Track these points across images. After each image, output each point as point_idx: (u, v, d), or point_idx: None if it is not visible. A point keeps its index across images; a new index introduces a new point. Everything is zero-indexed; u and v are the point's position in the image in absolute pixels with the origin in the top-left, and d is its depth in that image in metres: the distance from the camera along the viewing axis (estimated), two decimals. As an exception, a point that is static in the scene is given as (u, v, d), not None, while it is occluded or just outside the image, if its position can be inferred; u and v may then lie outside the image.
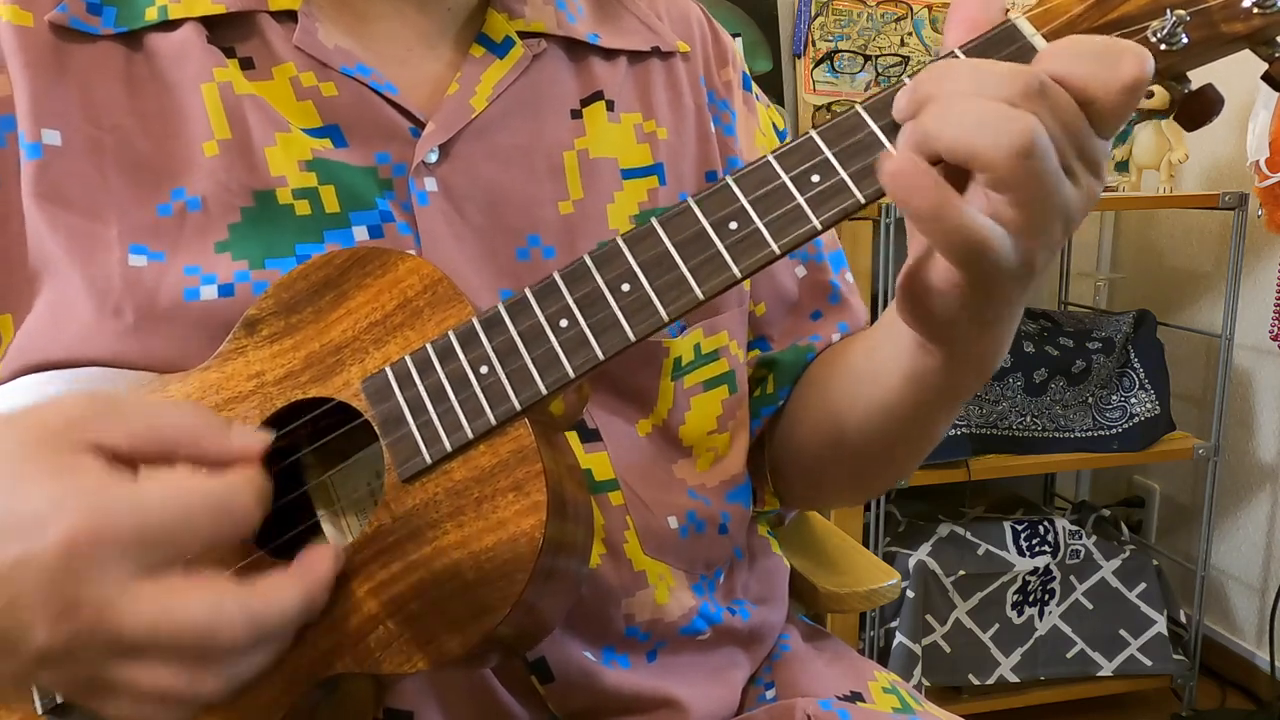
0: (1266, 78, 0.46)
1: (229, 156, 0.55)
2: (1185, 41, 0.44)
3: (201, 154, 0.56)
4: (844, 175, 0.45)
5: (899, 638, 1.77)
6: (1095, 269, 2.30)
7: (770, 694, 0.68)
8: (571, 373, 0.47)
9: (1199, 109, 0.47)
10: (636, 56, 0.68)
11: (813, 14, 1.94)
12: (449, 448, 0.47)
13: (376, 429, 0.49)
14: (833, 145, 0.45)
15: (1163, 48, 0.44)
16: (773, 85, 1.95)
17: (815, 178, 0.45)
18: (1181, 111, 0.47)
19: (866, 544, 1.74)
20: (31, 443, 0.39)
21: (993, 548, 1.84)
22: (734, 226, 0.46)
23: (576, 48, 0.66)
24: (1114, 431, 1.84)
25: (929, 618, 1.80)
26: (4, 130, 0.55)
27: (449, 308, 0.50)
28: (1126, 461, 1.86)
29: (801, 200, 0.45)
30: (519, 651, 0.55)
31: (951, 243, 0.42)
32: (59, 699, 0.47)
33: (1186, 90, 0.46)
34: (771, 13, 1.95)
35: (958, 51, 0.45)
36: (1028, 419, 1.81)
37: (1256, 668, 1.97)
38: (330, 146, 0.57)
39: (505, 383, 0.47)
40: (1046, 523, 1.88)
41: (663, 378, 0.63)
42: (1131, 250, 2.26)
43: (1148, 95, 0.43)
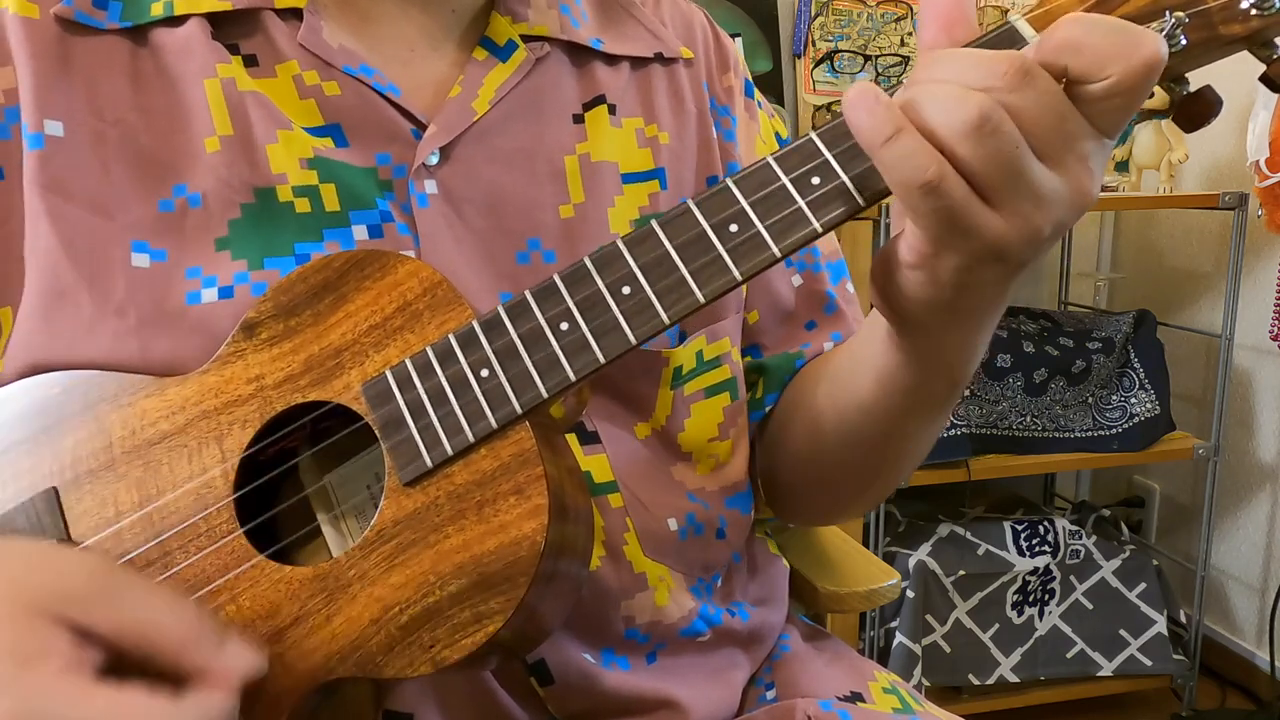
0: (1265, 79, 0.46)
1: (230, 153, 0.55)
2: (1184, 43, 0.44)
3: (203, 150, 0.56)
4: (845, 178, 0.45)
5: (899, 638, 1.77)
6: (1095, 269, 2.30)
7: (770, 694, 0.68)
8: (572, 376, 0.47)
9: (1198, 110, 0.47)
10: (639, 61, 0.67)
11: (813, 14, 1.94)
12: (450, 451, 0.47)
13: (377, 432, 0.48)
14: (833, 147, 0.45)
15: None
16: (773, 85, 1.94)
17: (815, 180, 0.45)
18: (1180, 113, 0.47)
19: (866, 544, 1.74)
20: (19, 611, 0.39)
21: (993, 548, 1.84)
22: (734, 229, 0.46)
23: (579, 52, 0.66)
24: (1114, 431, 1.84)
25: (929, 618, 1.80)
26: (9, 122, 0.55)
27: (449, 310, 0.50)
28: (1126, 461, 1.86)
29: (802, 203, 0.45)
30: (520, 654, 0.55)
31: (901, 175, 0.41)
32: None
33: (1185, 92, 0.46)
34: (771, 13, 1.95)
35: None
36: (1028, 419, 1.81)
37: (1256, 668, 1.97)
38: (331, 146, 0.57)
39: (506, 386, 0.47)
40: (1046, 523, 1.88)
41: (661, 386, 0.62)
42: (1131, 250, 2.26)
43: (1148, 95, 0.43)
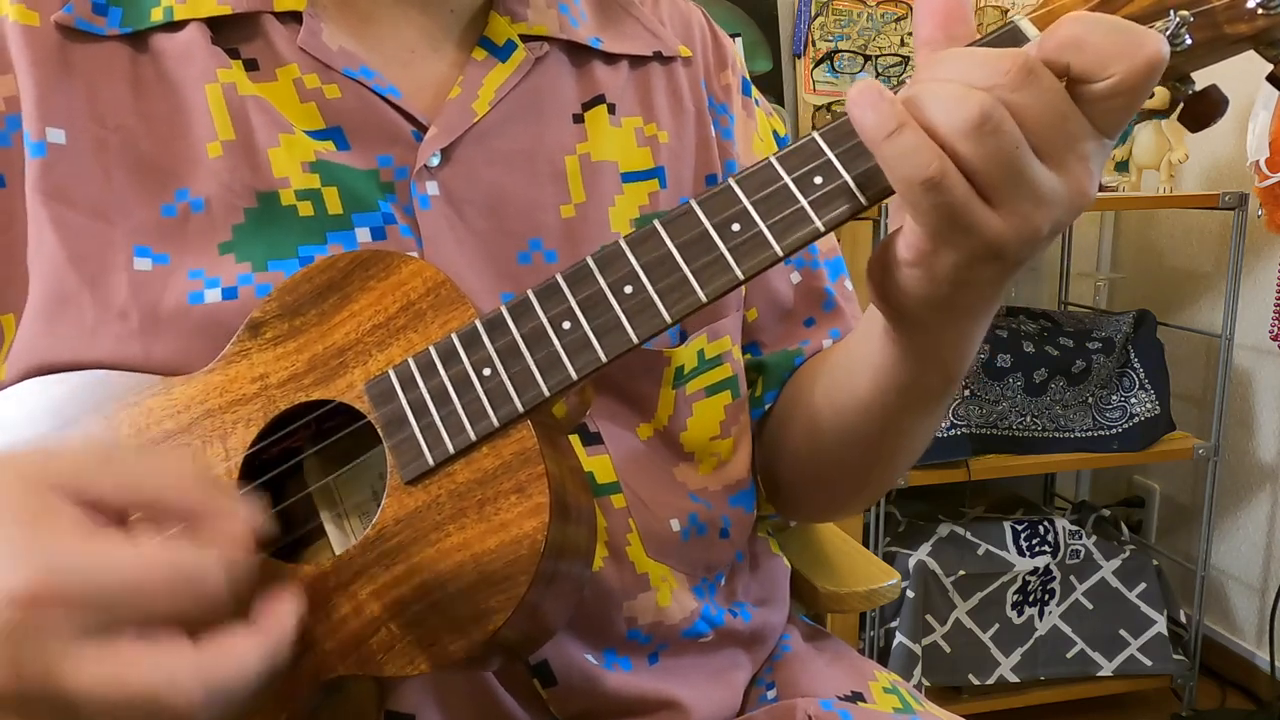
0: (1272, 78, 0.46)
1: (232, 158, 0.55)
2: (1189, 42, 0.44)
3: (205, 155, 0.56)
4: (847, 177, 0.45)
5: (899, 638, 1.77)
6: (1095, 269, 2.30)
7: (771, 694, 0.68)
8: (574, 374, 0.47)
9: (1204, 110, 0.46)
10: (638, 60, 0.67)
11: (813, 14, 1.94)
12: (452, 449, 0.47)
13: (379, 431, 0.49)
14: (835, 146, 0.45)
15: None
16: (773, 85, 1.94)
17: (818, 179, 0.45)
18: (1186, 113, 0.47)
19: (866, 544, 1.74)
20: (17, 483, 0.39)
21: (993, 548, 1.84)
22: (736, 228, 0.46)
23: (578, 51, 0.66)
24: (1114, 431, 1.84)
25: (929, 618, 1.80)
26: (11, 130, 0.55)
27: (452, 310, 0.50)
28: (1126, 461, 1.86)
29: (804, 202, 0.45)
30: (523, 655, 0.55)
31: (903, 171, 0.41)
32: None
33: (1191, 91, 0.46)
34: (771, 13, 1.95)
35: None
36: (1028, 419, 1.81)
37: (1256, 668, 1.97)
38: (333, 149, 0.57)
39: (508, 384, 0.47)
40: (1046, 523, 1.88)
41: (663, 386, 0.63)
42: (1131, 250, 2.26)
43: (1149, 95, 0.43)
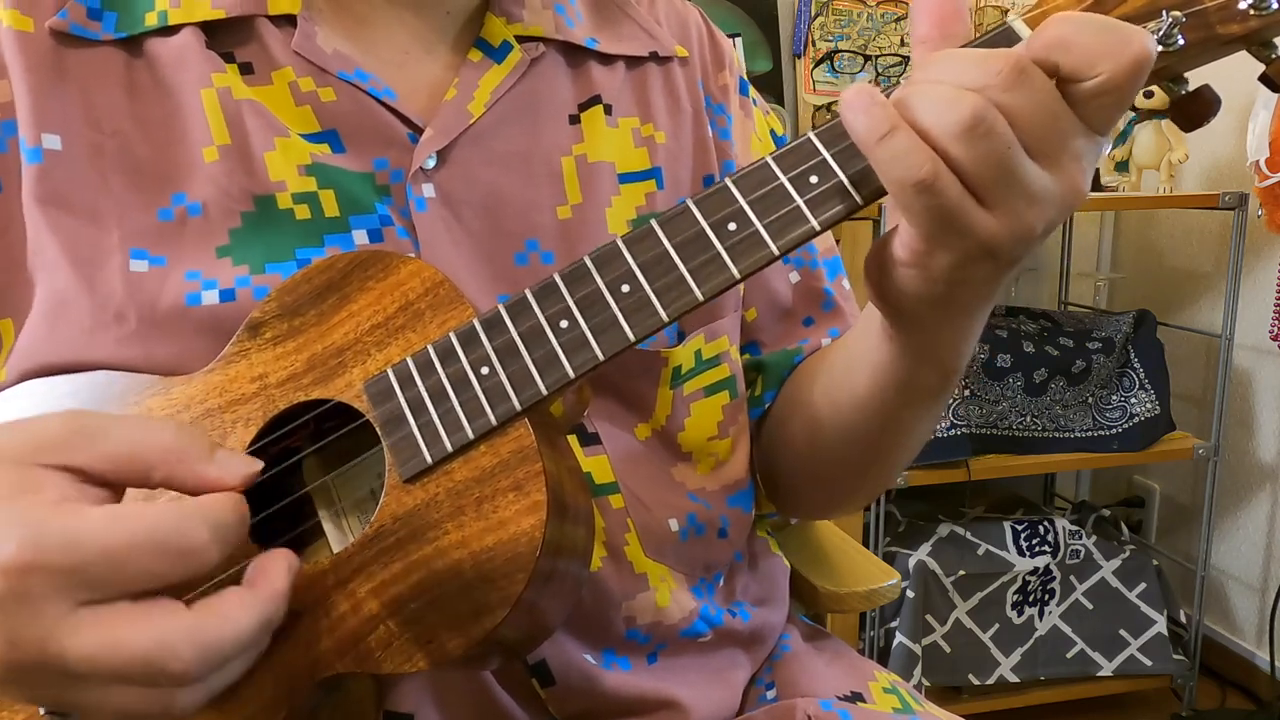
0: (1264, 79, 0.46)
1: (229, 162, 0.56)
2: (1182, 43, 0.44)
3: (201, 159, 0.56)
4: (842, 177, 0.45)
5: (899, 638, 1.77)
6: (1095, 269, 2.30)
7: (771, 694, 0.68)
8: (571, 373, 0.47)
9: (1196, 110, 0.47)
10: (634, 61, 0.68)
11: (813, 14, 1.94)
12: (450, 448, 0.48)
13: (378, 429, 0.49)
14: (831, 147, 0.46)
15: (1160, 49, 0.44)
16: (773, 85, 1.95)
17: (814, 179, 0.46)
18: (1179, 112, 0.47)
19: (866, 544, 1.74)
20: (6, 456, 0.39)
21: (993, 548, 1.84)
22: (733, 228, 0.46)
23: (575, 52, 0.66)
24: (1114, 431, 1.84)
25: (929, 618, 1.80)
26: (5, 135, 0.55)
27: (450, 309, 0.50)
28: (1126, 461, 1.86)
29: (800, 201, 0.46)
30: (521, 654, 0.55)
31: (895, 173, 0.41)
32: None
33: (1184, 91, 0.46)
34: (771, 13, 1.96)
35: None
36: (1028, 419, 1.81)
37: (1256, 668, 1.97)
38: (329, 152, 0.58)
39: (506, 383, 0.48)
40: (1046, 523, 1.88)
41: (660, 386, 0.63)
42: (1131, 250, 2.26)
43: (1147, 95, 0.43)
